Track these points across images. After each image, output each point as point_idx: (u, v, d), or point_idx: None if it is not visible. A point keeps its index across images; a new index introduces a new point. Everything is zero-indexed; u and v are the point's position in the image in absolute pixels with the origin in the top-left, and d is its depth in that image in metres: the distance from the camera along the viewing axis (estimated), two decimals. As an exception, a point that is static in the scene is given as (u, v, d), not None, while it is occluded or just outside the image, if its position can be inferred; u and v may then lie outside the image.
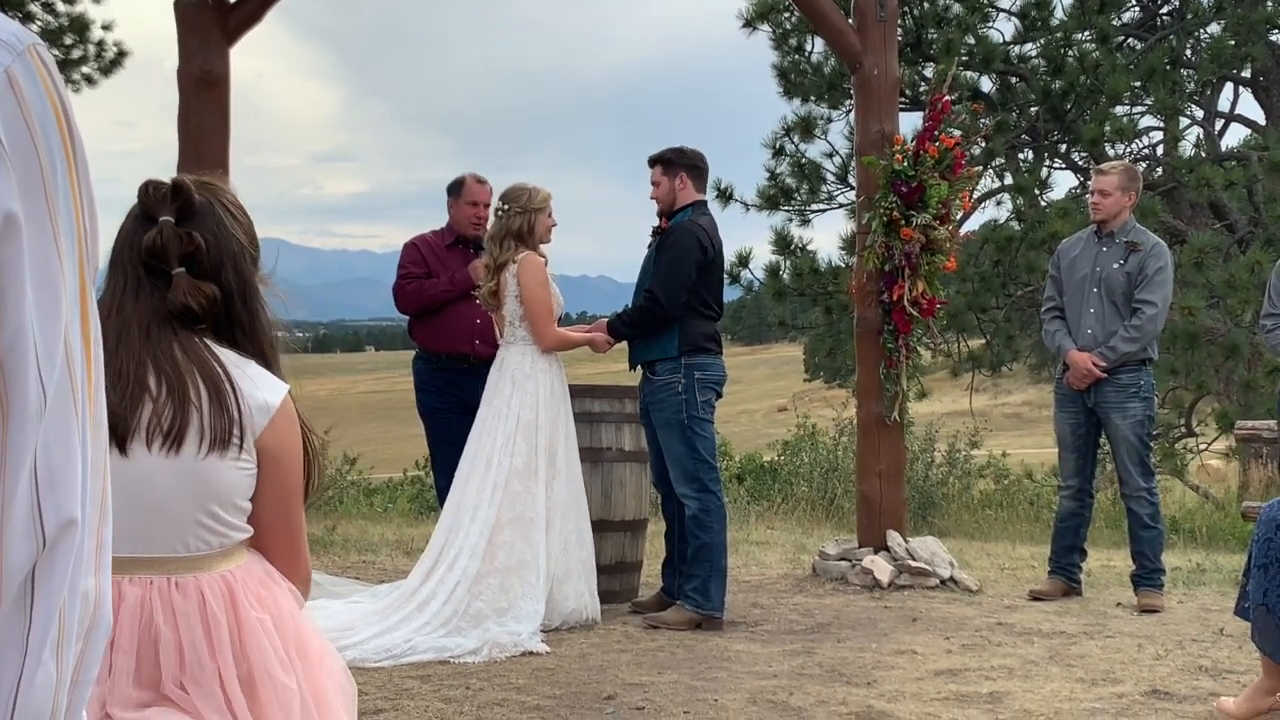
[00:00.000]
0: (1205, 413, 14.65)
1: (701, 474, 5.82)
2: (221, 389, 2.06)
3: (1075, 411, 6.58)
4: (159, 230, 2.10)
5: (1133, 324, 6.37)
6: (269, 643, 2.03)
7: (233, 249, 2.14)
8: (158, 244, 2.09)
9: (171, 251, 2.09)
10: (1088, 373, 6.39)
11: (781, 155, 14.78)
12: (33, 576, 0.89)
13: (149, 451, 2.04)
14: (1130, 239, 6.49)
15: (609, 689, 4.52)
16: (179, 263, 2.09)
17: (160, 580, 2.03)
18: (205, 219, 2.14)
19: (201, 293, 2.09)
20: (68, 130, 0.90)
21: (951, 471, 12.59)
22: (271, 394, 2.11)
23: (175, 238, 2.09)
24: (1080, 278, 6.53)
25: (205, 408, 2.04)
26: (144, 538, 2.04)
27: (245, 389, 2.08)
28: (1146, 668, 4.97)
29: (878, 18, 7.24)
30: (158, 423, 2.04)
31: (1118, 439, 6.46)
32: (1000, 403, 40.73)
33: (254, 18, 7.28)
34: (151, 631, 2.00)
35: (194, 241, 2.10)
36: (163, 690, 1.98)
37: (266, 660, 2.01)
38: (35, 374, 0.88)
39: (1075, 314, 6.53)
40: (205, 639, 2.00)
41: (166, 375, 2.06)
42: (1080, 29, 13.96)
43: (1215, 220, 14.14)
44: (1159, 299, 6.41)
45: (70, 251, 0.90)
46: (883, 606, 6.31)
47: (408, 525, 10.03)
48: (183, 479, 2.05)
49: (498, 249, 5.84)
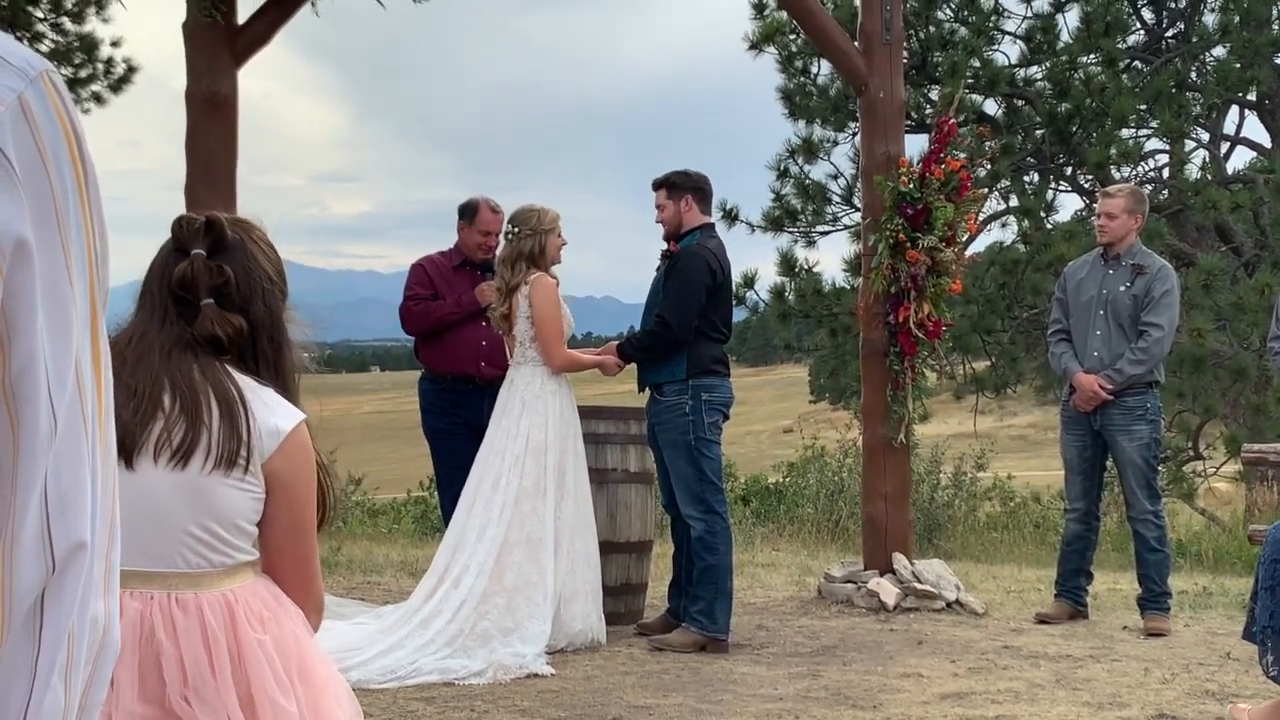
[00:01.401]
0: (1213, 436, 14.62)
1: (708, 495, 5.81)
2: (234, 410, 2.09)
3: (1081, 434, 6.57)
4: (190, 262, 2.15)
5: (1139, 346, 6.36)
6: (268, 664, 2.03)
7: (262, 284, 2.19)
8: (188, 275, 2.14)
9: (201, 283, 2.14)
10: (1094, 395, 6.39)
11: (786, 177, 14.81)
12: (42, 600, 0.89)
13: (155, 465, 2.08)
14: (1137, 261, 6.50)
15: (614, 711, 4.51)
16: (208, 294, 2.14)
17: (161, 595, 2.05)
18: (236, 254, 2.19)
19: (229, 323, 2.13)
20: (79, 155, 0.91)
21: (957, 494, 12.57)
22: (285, 420, 2.13)
23: (206, 270, 2.14)
24: (1087, 300, 6.53)
25: (216, 426, 2.08)
26: (146, 551, 2.06)
27: (258, 412, 2.11)
28: (1153, 691, 4.95)
29: (883, 40, 7.26)
30: (167, 438, 2.08)
31: (1124, 462, 6.45)
32: (1006, 425, 40.65)
33: (262, 39, 7.31)
34: (153, 645, 2.01)
35: (224, 274, 2.15)
36: (168, 705, 1.98)
37: (265, 682, 2.02)
38: (46, 398, 0.88)
39: (1081, 336, 6.53)
40: (205, 655, 2.01)
41: (181, 393, 2.09)
42: (1086, 52, 13.99)
43: (1221, 243, 14.15)
44: (1165, 322, 6.41)
45: (81, 276, 0.91)
46: (888, 629, 6.29)
47: (412, 546, 10.02)
48: (186, 494, 2.08)
49: (509, 272, 5.84)
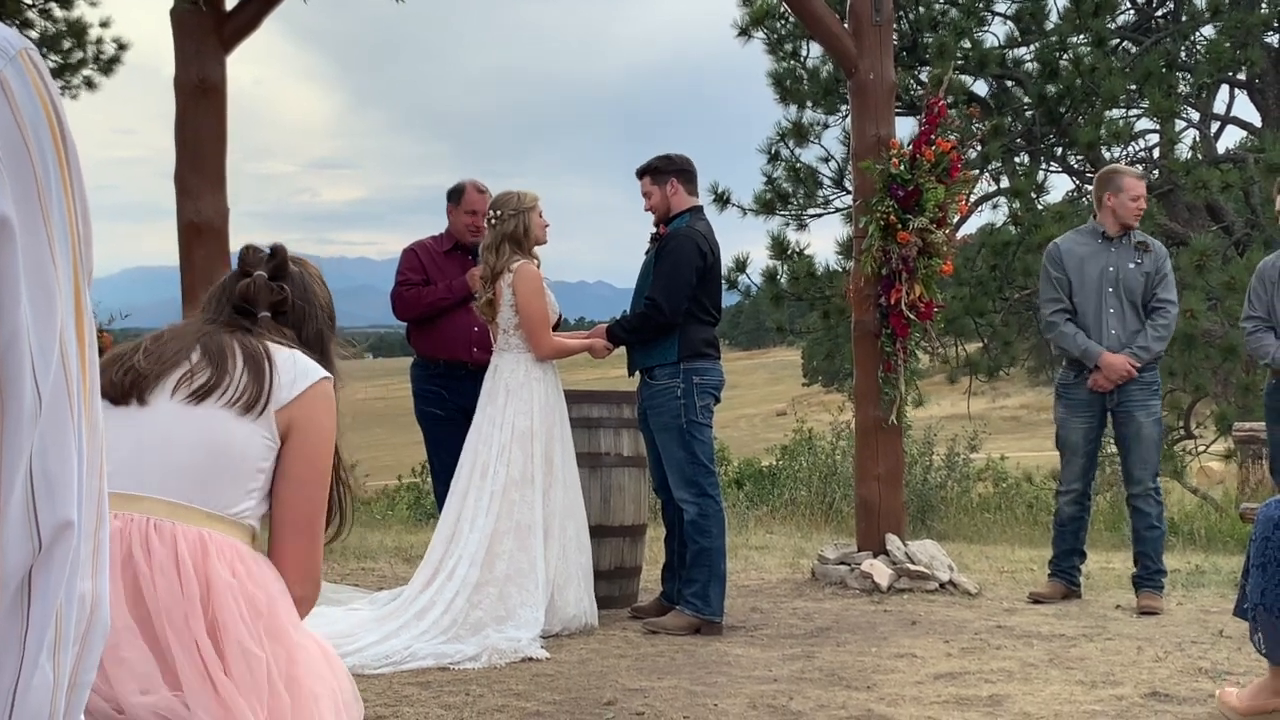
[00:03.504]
0: (1204, 415, 14.65)
1: (700, 478, 5.82)
2: (259, 363, 2.24)
3: (1090, 416, 6.51)
4: (253, 279, 2.36)
5: (1161, 324, 6.41)
6: (235, 607, 2.08)
7: (316, 311, 2.41)
8: (250, 290, 2.34)
9: (262, 299, 2.34)
10: (1127, 374, 6.37)
11: (777, 161, 14.79)
12: (29, 580, 0.89)
13: (170, 400, 2.20)
14: (1139, 239, 6.52)
15: (609, 694, 4.52)
16: (266, 309, 2.34)
17: (140, 519, 2.12)
18: (295, 281, 2.40)
19: (282, 334, 2.32)
20: (60, 134, 0.91)
21: (950, 475, 12.59)
22: (309, 373, 2.27)
23: (267, 288, 2.35)
24: (1094, 279, 6.49)
25: (240, 375, 2.22)
26: (138, 477, 2.15)
27: (282, 365, 2.25)
28: (1146, 670, 4.96)
29: (873, 22, 7.25)
30: (189, 380, 2.22)
31: (1139, 437, 6.42)
32: (998, 406, 40.71)
33: (251, 25, 7.28)
34: (131, 565, 2.08)
35: (283, 293, 2.36)
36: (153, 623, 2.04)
37: (231, 620, 2.06)
38: (30, 377, 0.88)
39: (1095, 317, 6.46)
40: (177, 580, 2.07)
41: (209, 350, 2.24)
42: (1075, 32, 13.96)
43: (1212, 222, 14.14)
44: (1175, 298, 6.56)
45: (64, 255, 0.90)
46: (882, 610, 6.31)
47: (406, 532, 10.03)
48: (193, 427, 2.19)
49: (494, 256, 5.83)
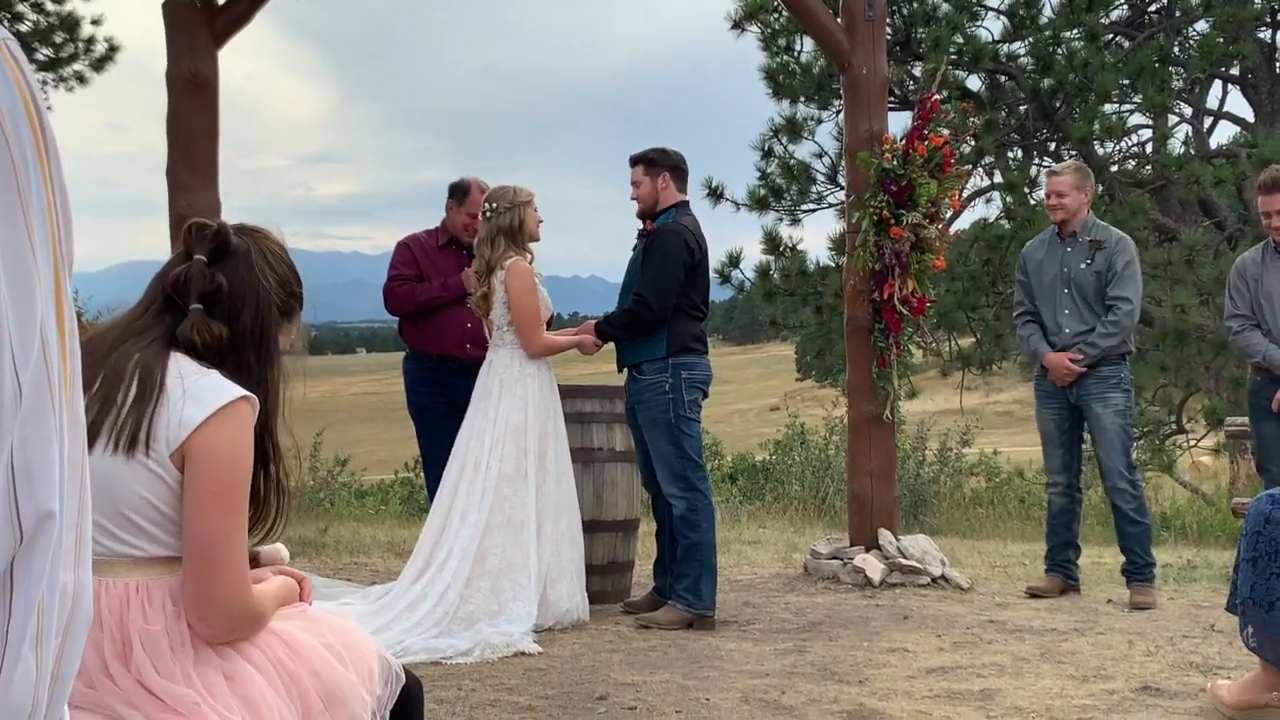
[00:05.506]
0: (1195, 409, 14.67)
1: (689, 473, 5.82)
2: (148, 393, 2.07)
3: (1058, 407, 6.64)
4: (187, 267, 2.19)
5: (1110, 320, 6.44)
6: (157, 656, 2.03)
7: (258, 296, 2.21)
8: (181, 279, 2.18)
9: (193, 288, 2.17)
10: (1068, 371, 6.46)
11: (770, 156, 14.78)
12: (11, 571, 0.88)
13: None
14: (1093, 237, 6.55)
15: (601, 689, 4.52)
16: (198, 299, 2.17)
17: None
18: (237, 263, 2.21)
19: (209, 330, 2.16)
20: (40, 126, 0.90)
21: (943, 470, 12.62)
22: (212, 400, 2.07)
23: (200, 276, 2.18)
24: (1050, 280, 6.61)
25: (125, 408, 2.06)
26: None
27: (179, 397, 2.07)
28: (1137, 664, 4.97)
29: (866, 16, 7.24)
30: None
31: (1101, 429, 6.50)
32: (991, 401, 40.79)
33: (243, 19, 7.26)
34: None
35: (215, 282, 2.18)
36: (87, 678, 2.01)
37: (150, 673, 2.02)
38: (10, 367, 0.87)
39: (1050, 316, 6.61)
40: (103, 641, 2.03)
41: (107, 377, 2.10)
42: (1069, 27, 13.97)
43: (1204, 217, 14.17)
44: (1132, 294, 6.50)
45: (44, 245, 0.90)
46: (874, 605, 6.32)
47: (399, 526, 10.02)
48: (95, 473, 2.02)
49: (489, 250, 5.83)
